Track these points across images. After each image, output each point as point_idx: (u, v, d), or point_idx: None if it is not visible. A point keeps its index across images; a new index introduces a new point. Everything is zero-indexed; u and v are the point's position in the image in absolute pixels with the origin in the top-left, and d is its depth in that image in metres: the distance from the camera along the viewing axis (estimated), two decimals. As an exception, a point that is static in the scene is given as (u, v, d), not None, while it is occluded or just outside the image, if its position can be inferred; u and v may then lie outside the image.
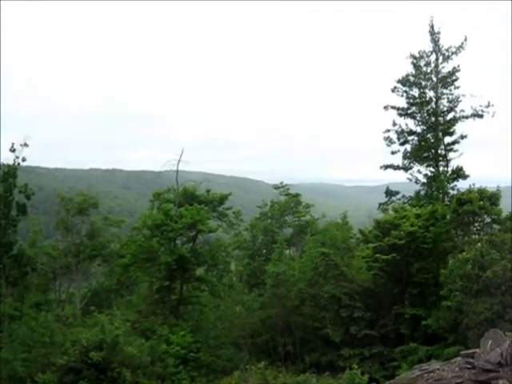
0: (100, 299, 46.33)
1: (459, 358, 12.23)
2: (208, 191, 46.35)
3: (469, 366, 11.81)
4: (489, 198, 36.41)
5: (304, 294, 38.39)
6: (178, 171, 44.73)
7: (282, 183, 53.27)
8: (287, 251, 47.08)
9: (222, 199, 45.72)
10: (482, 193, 36.71)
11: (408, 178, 47.97)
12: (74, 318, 40.13)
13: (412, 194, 47.69)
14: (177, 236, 42.08)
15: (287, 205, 50.95)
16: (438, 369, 11.71)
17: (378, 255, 36.47)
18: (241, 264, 49.42)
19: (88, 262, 46.74)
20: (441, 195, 44.64)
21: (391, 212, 41.45)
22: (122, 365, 28.20)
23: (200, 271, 44.54)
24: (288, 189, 52.86)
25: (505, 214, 37.52)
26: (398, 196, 48.04)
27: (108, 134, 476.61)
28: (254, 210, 54.36)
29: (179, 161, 43.58)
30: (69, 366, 28.08)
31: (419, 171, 47.20)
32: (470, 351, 11.24)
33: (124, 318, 34.14)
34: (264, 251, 49.11)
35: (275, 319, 38.06)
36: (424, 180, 46.99)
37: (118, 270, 45.25)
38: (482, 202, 35.91)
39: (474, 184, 40.15)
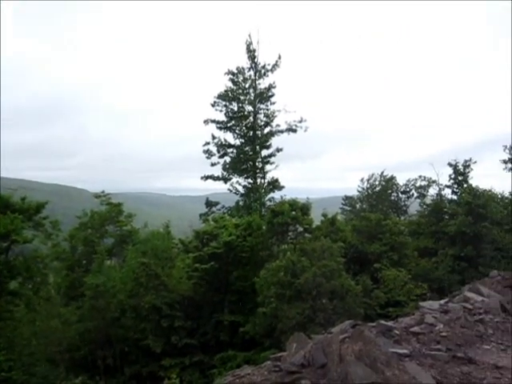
0: None
1: (269, 362, 12.99)
2: (23, 199, 43.91)
3: (276, 369, 12.55)
4: (300, 209, 38.88)
5: (124, 306, 37.99)
6: (-11, 178, 42.06)
7: (103, 192, 52.09)
8: (108, 262, 46.22)
9: (39, 208, 43.51)
10: (293, 204, 39.08)
11: (229, 189, 49.43)
12: None
13: (233, 204, 49.25)
14: (-12, 247, 39.57)
15: (108, 214, 49.95)
16: (249, 373, 12.37)
17: (197, 265, 37.34)
18: (59, 276, 47.54)
19: None
20: (258, 206, 46.64)
21: (212, 222, 42.54)
22: None
23: (14, 284, 42.15)
24: (110, 198, 51.84)
25: (316, 223, 40.33)
26: (218, 206, 49.42)
27: None
28: (76, 220, 52.37)
29: (-9, 167, 41.12)
30: None
31: (238, 182, 48.92)
32: (278, 355, 12.00)
33: None
34: (84, 262, 47.59)
35: (94, 332, 37.19)
36: (243, 191, 48.76)
37: None
38: (294, 213, 38.26)
39: (285, 195, 42.69)
